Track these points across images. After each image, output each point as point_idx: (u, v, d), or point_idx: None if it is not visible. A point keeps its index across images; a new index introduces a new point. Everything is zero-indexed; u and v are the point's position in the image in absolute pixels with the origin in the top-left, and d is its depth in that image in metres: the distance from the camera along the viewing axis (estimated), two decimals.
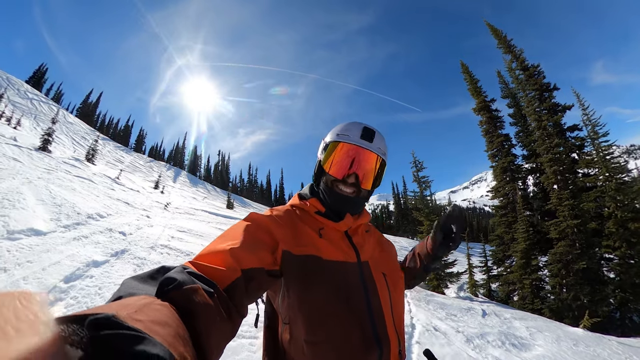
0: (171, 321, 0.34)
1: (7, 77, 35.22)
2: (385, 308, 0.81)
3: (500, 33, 15.22)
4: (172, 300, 0.41)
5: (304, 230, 0.83)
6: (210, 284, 0.49)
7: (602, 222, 10.51)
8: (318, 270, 0.76)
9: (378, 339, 0.75)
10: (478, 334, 4.96)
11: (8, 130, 15.08)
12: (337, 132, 0.91)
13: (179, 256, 5.53)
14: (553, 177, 11.89)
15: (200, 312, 0.42)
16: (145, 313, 0.31)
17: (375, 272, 0.85)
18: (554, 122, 12.48)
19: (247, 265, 0.61)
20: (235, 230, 0.72)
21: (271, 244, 0.74)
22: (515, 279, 11.95)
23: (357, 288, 0.79)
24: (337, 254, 0.82)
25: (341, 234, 0.88)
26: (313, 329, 0.72)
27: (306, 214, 0.89)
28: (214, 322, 0.44)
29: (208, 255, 0.60)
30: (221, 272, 0.56)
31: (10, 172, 7.46)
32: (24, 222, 4.61)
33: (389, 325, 0.79)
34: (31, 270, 3.27)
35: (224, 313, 0.48)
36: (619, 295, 9.55)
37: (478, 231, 43.26)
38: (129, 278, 0.46)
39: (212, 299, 0.46)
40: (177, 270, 0.48)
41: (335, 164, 0.88)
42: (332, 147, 0.89)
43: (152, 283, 0.46)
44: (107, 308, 0.29)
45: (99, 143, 21.68)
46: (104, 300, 3.14)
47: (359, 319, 0.75)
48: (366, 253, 0.88)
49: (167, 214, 11.00)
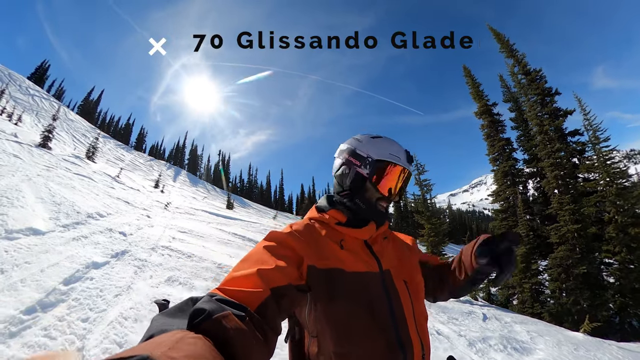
0: (207, 353, 0.33)
1: (9, 73, 35.15)
2: (408, 314, 0.82)
3: (503, 37, 15.26)
4: (205, 332, 0.40)
5: (326, 243, 0.84)
6: (240, 308, 0.49)
7: (603, 227, 10.53)
8: (342, 282, 0.77)
9: (402, 344, 0.76)
10: (480, 337, 4.94)
11: (9, 126, 15.02)
12: (389, 152, 0.91)
13: (180, 257, 5.48)
14: (554, 181, 11.90)
15: (234, 338, 0.42)
16: (180, 349, 0.31)
17: (397, 280, 0.86)
18: (555, 126, 12.50)
19: (275, 284, 0.61)
20: (258, 250, 0.73)
21: (296, 260, 0.75)
22: (515, 283, 11.95)
23: (381, 297, 0.80)
24: (359, 265, 0.83)
25: (361, 243, 0.89)
26: (341, 340, 0.73)
27: (326, 226, 0.90)
28: (250, 346, 0.44)
29: (234, 280, 0.61)
30: (250, 294, 0.56)
31: (10, 169, 7.41)
32: (22, 221, 4.56)
33: (412, 331, 0.80)
34: (29, 272, 3.23)
35: (259, 335, 0.48)
36: (618, 300, 9.56)
37: (478, 234, 43.30)
38: (158, 315, 0.46)
39: (245, 322, 0.46)
40: (205, 300, 0.48)
41: (387, 184, 0.91)
42: (384, 166, 0.90)
43: (181, 316, 0.46)
44: (141, 349, 0.29)
45: (100, 141, 21.62)
46: (106, 302, 3.10)
47: (383, 327, 0.76)
48: (387, 261, 0.89)
49: (168, 214, 10.96)
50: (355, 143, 0.96)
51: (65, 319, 2.60)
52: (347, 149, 0.97)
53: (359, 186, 0.92)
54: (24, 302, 2.63)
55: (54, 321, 2.52)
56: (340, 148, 1.01)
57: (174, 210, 12.62)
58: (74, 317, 2.66)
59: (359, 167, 0.92)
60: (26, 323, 2.39)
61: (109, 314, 2.87)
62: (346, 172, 0.94)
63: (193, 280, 4.31)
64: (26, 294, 2.78)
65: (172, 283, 4.09)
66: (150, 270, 4.39)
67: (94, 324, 2.67)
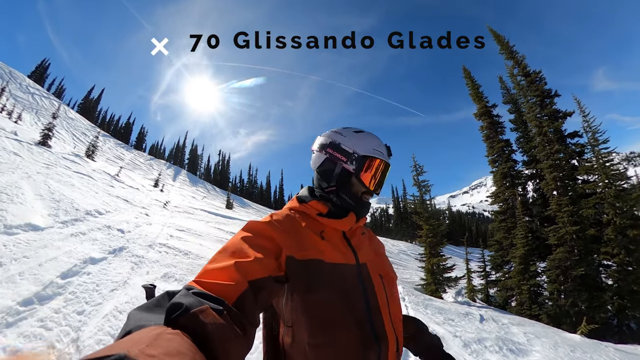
0: (186, 349, 0.33)
1: (9, 71, 35.25)
2: (383, 308, 0.82)
3: (503, 39, 15.30)
4: (183, 327, 0.40)
5: (306, 234, 0.84)
6: (218, 302, 0.48)
7: (601, 229, 10.51)
8: (321, 273, 0.77)
9: (377, 337, 0.77)
10: (475, 339, 4.94)
11: (9, 124, 15.06)
12: (372, 147, 0.94)
13: (177, 255, 5.51)
14: (553, 183, 11.90)
15: (212, 333, 0.41)
16: (158, 345, 0.31)
17: (373, 273, 0.87)
18: (554, 128, 12.51)
19: (253, 276, 0.61)
20: (235, 241, 0.71)
21: (274, 250, 0.74)
22: (514, 285, 11.94)
23: (356, 289, 0.80)
24: (338, 256, 0.83)
25: (340, 236, 0.90)
26: (316, 331, 0.73)
27: (307, 216, 0.90)
28: (228, 341, 0.44)
29: (212, 272, 0.60)
30: (228, 287, 0.55)
31: (10, 166, 7.44)
32: (21, 217, 4.59)
33: (387, 324, 0.81)
34: (27, 266, 3.25)
35: (237, 328, 0.48)
36: (616, 302, 9.54)
37: (477, 236, 43.27)
38: (134, 309, 0.45)
39: (222, 316, 0.46)
40: (182, 294, 0.47)
41: (373, 178, 0.93)
42: (370, 162, 0.92)
43: (159, 311, 0.45)
44: (118, 347, 0.28)
45: (100, 139, 21.67)
46: (102, 296, 3.12)
47: (359, 319, 0.76)
48: (363, 255, 0.90)
49: (166, 213, 10.98)
50: (339, 137, 0.95)
51: (61, 311, 2.62)
52: (330, 143, 0.95)
53: (345, 181, 0.93)
54: (21, 294, 2.66)
55: (50, 313, 2.55)
56: (320, 142, 0.99)
57: (173, 209, 12.64)
58: (69, 310, 2.69)
59: (345, 163, 0.92)
60: (23, 314, 2.42)
61: (105, 308, 2.90)
62: (331, 167, 0.94)
63: (189, 276, 4.33)
64: (24, 286, 2.81)
65: (168, 279, 4.12)
66: (147, 267, 4.42)
67: (90, 316, 2.69)
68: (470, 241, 31.20)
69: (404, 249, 25.00)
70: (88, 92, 51.73)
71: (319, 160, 0.97)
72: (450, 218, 57.34)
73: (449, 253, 14.05)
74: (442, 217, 33.49)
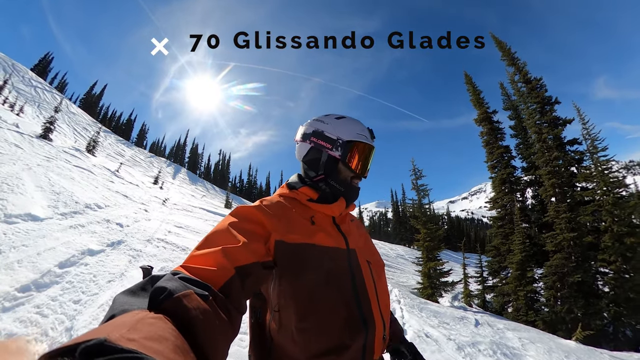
0: (167, 334, 0.32)
1: (12, 64, 35.34)
2: (371, 293, 0.82)
3: (505, 45, 15.41)
4: (166, 311, 0.39)
5: (296, 219, 0.83)
6: (204, 287, 0.48)
7: (599, 236, 10.53)
8: (311, 256, 0.77)
9: (364, 320, 0.77)
10: (470, 342, 4.94)
11: (11, 117, 15.10)
12: (356, 132, 0.94)
13: (174, 250, 5.52)
14: (551, 189, 11.95)
15: (196, 318, 0.41)
16: (139, 330, 0.30)
17: (361, 259, 0.88)
18: (554, 135, 12.58)
19: (240, 262, 0.60)
20: (223, 226, 0.70)
21: (263, 235, 0.74)
22: (510, 291, 11.93)
23: (345, 273, 0.81)
24: (329, 240, 0.84)
25: (330, 221, 0.90)
26: (304, 315, 0.73)
27: (297, 202, 0.90)
28: (212, 326, 0.43)
29: (199, 257, 0.59)
30: (214, 273, 0.55)
31: (11, 158, 7.47)
32: (21, 207, 4.60)
33: (374, 308, 0.81)
34: (26, 254, 3.27)
35: (223, 314, 0.47)
36: (612, 309, 9.54)
37: (475, 242, 43.23)
38: (119, 293, 0.44)
39: (207, 302, 0.45)
40: (167, 278, 0.47)
41: (359, 162, 0.93)
42: (354, 146, 0.92)
43: (144, 295, 0.45)
44: (99, 332, 0.28)
45: (101, 135, 21.70)
46: (98, 287, 3.14)
47: (346, 302, 0.77)
48: (353, 241, 0.90)
49: (165, 209, 11.00)
50: (321, 125, 0.95)
51: (58, 299, 2.64)
52: (313, 132, 0.94)
53: (333, 168, 0.92)
54: (19, 281, 2.67)
55: (47, 300, 2.56)
56: (302, 131, 0.98)
57: (172, 206, 12.65)
58: (66, 298, 2.70)
59: (330, 150, 0.91)
60: (20, 300, 2.44)
61: (101, 298, 2.91)
62: (317, 156, 0.93)
63: None
64: (22, 273, 2.83)
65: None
66: (144, 260, 4.44)
67: (85, 306, 2.71)
68: (468, 246, 31.14)
69: (402, 253, 24.97)
70: (90, 88, 51.87)
71: (304, 150, 0.96)
72: (448, 223, 57.28)
73: (446, 258, 14.06)
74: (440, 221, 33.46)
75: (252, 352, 0.87)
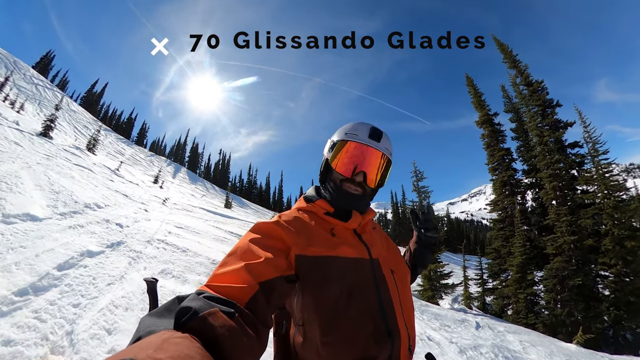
0: (194, 353, 0.33)
1: (14, 61, 35.29)
2: (395, 303, 0.80)
3: (507, 48, 15.40)
4: (193, 330, 0.40)
5: (316, 232, 0.82)
6: (229, 304, 0.48)
7: (599, 239, 10.52)
8: (333, 268, 0.76)
9: (390, 332, 0.75)
10: (471, 345, 4.92)
11: (11, 114, 15.05)
12: (345, 132, 0.91)
13: (175, 251, 5.48)
14: (552, 192, 11.93)
15: (222, 336, 0.41)
16: (166, 350, 0.30)
17: (385, 268, 0.85)
18: (555, 138, 12.56)
19: (264, 278, 0.60)
20: (244, 243, 0.71)
21: (283, 250, 0.74)
22: (510, 293, 11.92)
23: (369, 284, 0.79)
24: (351, 251, 0.82)
25: (351, 232, 0.88)
26: (328, 328, 0.72)
27: (315, 215, 0.89)
28: (239, 343, 0.43)
29: (222, 275, 0.60)
30: (239, 290, 0.55)
31: (10, 156, 7.42)
32: (20, 207, 4.56)
33: (400, 320, 0.79)
34: (24, 256, 3.23)
35: (250, 330, 0.47)
36: (613, 312, 9.53)
37: (475, 244, 43.21)
38: (145, 316, 0.45)
39: (234, 319, 0.45)
40: (191, 298, 0.47)
41: (344, 163, 0.88)
42: (340, 146, 0.89)
43: (169, 316, 0.45)
44: (127, 353, 0.28)
45: (101, 133, 21.65)
46: (98, 290, 3.10)
47: (371, 315, 0.75)
48: (376, 250, 0.88)
49: (165, 209, 10.96)
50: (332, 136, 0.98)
51: (57, 303, 2.60)
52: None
53: (326, 171, 0.93)
54: (16, 284, 2.63)
55: (45, 304, 2.52)
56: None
57: (172, 206, 12.62)
58: (65, 302, 2.66)
59: (326, 153, 0.94)
60: (17, 304, 2.40)
61: (101, 301, 2.87)
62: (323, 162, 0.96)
63: (186, 274, 4.30)
64: (19, 276, 2.79)
65: (166, 275, 4.10)
66: (145, 262, 4.40)
67: (85, 309, 2.67)
68: (468, 249, 31.13)
69: None
70: (91, 86, 51.86)
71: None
72: (448, 225, 57.29)
73: (446, 260, 14.03)
74: (440, 223, 33.38)
75: None
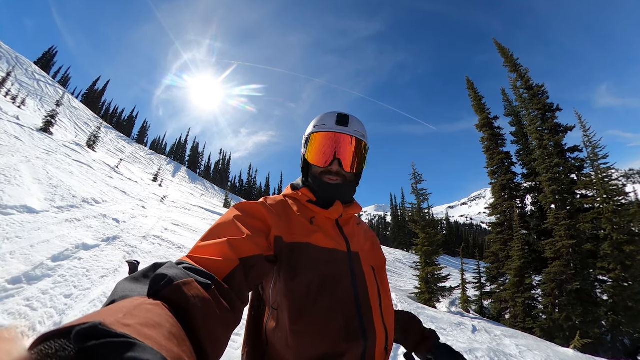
0: (164, 321, 0.32)
1: (16, 57, 35.42)
2: (373, 300, 0.78)
3: (507, 52, 15.45)
4: (165, 298, 0.39)
5: (296, 219, 0.83)
6: (207, 276, 0.48)
7: (598, 244, 10.49)
8: (307, 256, 0.75)
9: (364, 330, 0.73)
10: (467, 349, 4.89)
11: (12, 109, 15.09)
12: (314, 124, 0.93)
13: (170, 248, 5.48)
14: (551, 196, 11.91)
15: (194, 305, 0.40)
16: (136, 315, 0.30)
17: (365, 264, 0.83)
18: (555, 142, 12.57)
19: (245, 254, 0.61)
20: (228, 219, 0.71)
21: (264, 230, 0.74)
22: (508, 297, 11.86)
23: (345, 277, 0.77)
24: (328, 241, 0.81)
25: (332, 223, 0.88)
26: (298, 317, 0.71)
27: (298, 203, 0.90)
28: (212, 315, 0.43)
29: (204, 248, 0.60)
30: (219, 263, 0.55)
31: (10, 149, 7.43)
32: (17, 199, 4.56)
33: (377, 318, 0.77)
34: (19, 246, 3.23)
35: (225, 303, 0.47)
36: (611, 317, 9.48)
37: (474, 247, 43.16)
38: (122, 280, 0.44)
39: (209, 291, 0.45)
40: (168, 266, 0.46)
41: (317, 154, 0.90)
42: (312, 139, 0.91)
43: (146, 282, 0.44)
44: (96, 316, 0.28)
45: (102, 131, 21.70)
46: (91, 282, 3.09)
47: (344, 309, 0.73)
48: (356, 244, 0.87)
49: (163, 207, 10.95)
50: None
51: (49, 292, 2.59)
52: None
53: (305, 166, 0.94)
54: (10, 273, 2.63)
55: (37, 293, 2.51)
56: None
57: (170, 204, 12.61)
58: (57, 292, 2.65)
59: (302, 149, 0.95)
60: (10, 292, 2.39)
61: (93, 293, 2.87)
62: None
63: None
64: (13, 265, 2.78)
65: None
66: (139, 257, 4.40)
67: (76, 300, 2.66)
68: (466, 252, 31.08)
69: (400, 257, 24.88)
70: (93, 83, 52.02)
71: None
72: (447, 228, 57.21)
73: (444, 263, 13.97)
74: (439, 226, 33.44)
75: (245, 351, 0.86)
